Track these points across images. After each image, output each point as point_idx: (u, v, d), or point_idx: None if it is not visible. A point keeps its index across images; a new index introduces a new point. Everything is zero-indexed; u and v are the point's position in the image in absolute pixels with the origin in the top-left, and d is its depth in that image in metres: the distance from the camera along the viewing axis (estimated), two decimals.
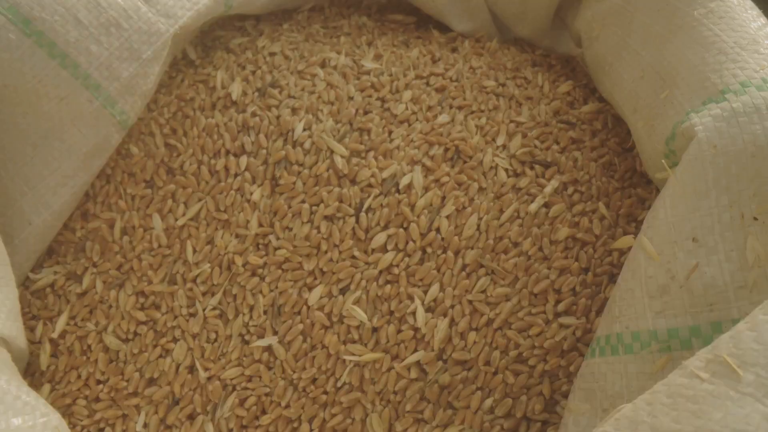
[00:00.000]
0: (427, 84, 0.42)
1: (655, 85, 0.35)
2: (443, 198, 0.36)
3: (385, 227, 0.36)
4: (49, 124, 0.37)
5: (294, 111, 0.40)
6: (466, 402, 0.33)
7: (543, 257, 0.36)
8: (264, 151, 0.39)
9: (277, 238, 0.37)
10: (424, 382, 0.33)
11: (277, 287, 0.36)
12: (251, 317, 0.35)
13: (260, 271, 0.36)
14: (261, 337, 0.35)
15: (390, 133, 0.39)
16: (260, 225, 0.37)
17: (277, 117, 0.40)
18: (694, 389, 0.22)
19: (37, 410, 0.29)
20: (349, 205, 0.36)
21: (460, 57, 0.44)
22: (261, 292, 0.36)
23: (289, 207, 0.37)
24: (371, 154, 0.38)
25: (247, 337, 0.35)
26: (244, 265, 0.36)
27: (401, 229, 0.36)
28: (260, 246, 0.37)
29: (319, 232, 0.36)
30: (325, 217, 0.37)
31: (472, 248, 0.35)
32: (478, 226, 0.36)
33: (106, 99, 0.37)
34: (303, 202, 0.37)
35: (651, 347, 0.29)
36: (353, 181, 0.37)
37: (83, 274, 0.38)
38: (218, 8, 0.42)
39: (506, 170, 0.38)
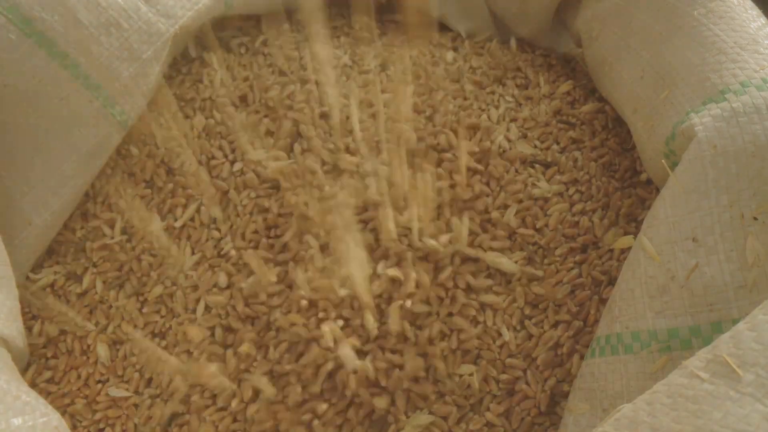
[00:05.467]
0: (427, 84, 0.42)
1: (655, 85, 0.35)
2: (445, 199, 0.36)
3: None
4: (49, 124, 0.37)
5: (294, 111, 0.40)
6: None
7: (543, 256, 0.36)
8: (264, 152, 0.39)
9: (275, 240, 0.37)
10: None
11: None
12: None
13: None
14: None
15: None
16: (257, 227, 0.37)
17: (278, 118, 0.40)
18: (694, 389, 0.22)
19: (37, 410, 0.29)
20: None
21: (460, 57, 0.45)
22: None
23: (288, 209, 0.37)
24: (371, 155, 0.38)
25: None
26: (242, 267, 0.36)
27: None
28: (259, 248, 0.37)
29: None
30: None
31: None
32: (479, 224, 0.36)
33: (106, 99, 0.37)
34: (302, 203, 0.37)
35: (651, 347, 0.29)
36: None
37: (83, 274, 0.38)
38: (218, 8, 0.42)
39: (506, 170, 0.38)
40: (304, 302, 0.34)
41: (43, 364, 0.36)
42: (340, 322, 0.34)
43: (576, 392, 0.32)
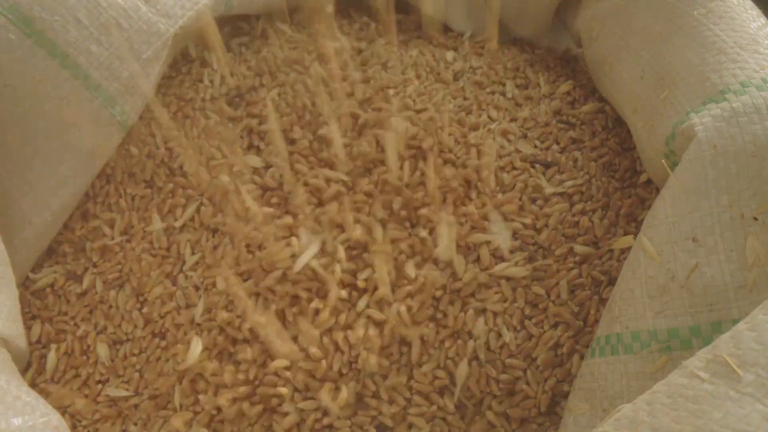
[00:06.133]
0: (427, 84, 0.42)
1: (655, 85, 0.35)
2: (444, 198, 0.36)
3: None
4: (49, 124, 0.37)
5: (295, 111, 0.40)
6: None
7: (543, 256, 0.36)
8: (264, 152, 0.39)
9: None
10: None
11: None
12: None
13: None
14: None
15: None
16: (257, 226, 0.37)
17: (278, 118, 0.40)
18: (694, 389, 0.22)
19: (37, 410, 0.29)
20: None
21: (460, 57, 0.44)
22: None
23: (287, 210, 0.37)
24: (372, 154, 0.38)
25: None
26: (242, 267, 0.36)
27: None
28: (259, 247, 0.37)
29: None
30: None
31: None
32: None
33: (106, 99, 0.37)
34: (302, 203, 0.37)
35: (651, 347, 0.29)
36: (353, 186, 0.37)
37: (83, 274, 0.38)
38: (218, 8, 0.42)
39: (506, 170, 0.38)
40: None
41: (43, 364, 0.36)
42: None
43: (576, 392, 0.32)
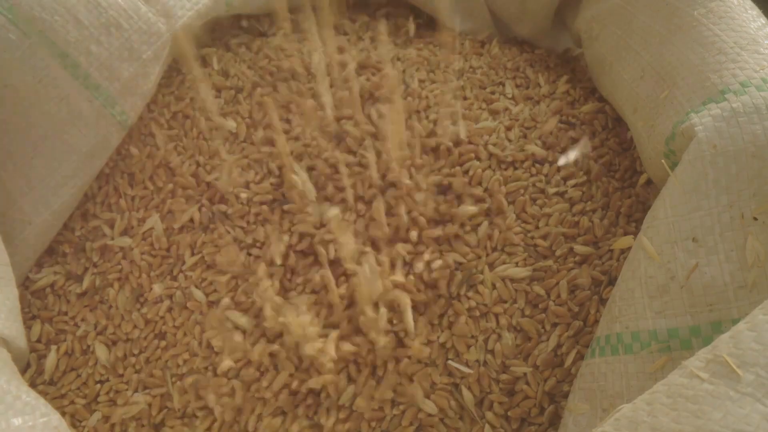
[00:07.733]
0: (427, 83, 0.42)
1: (655, 85, 0.35)
2: (444, 197, 0.36)
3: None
4: (49, 124, 0.37)
5: (294, 111, 0.40)
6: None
7: (543, 256, 0.36)
8: (264, 152, 0.39)
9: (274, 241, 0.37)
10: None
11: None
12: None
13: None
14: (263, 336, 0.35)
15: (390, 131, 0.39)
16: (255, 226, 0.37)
17: (279, 117, 0.40)
18: (694, 389, 0.22)
19: (37, 410, 0.29)
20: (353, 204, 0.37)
21: (460, 57, 0.44)
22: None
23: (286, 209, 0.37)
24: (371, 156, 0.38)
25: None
26: (243, 267, 0.36)
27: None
28: (259, 247, 0.37)
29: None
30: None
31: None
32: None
33: (106, 99, 0.37)
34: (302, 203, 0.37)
35: (651, 347, 0.29)
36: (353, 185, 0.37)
37: (83, 274, 0.38)
38: (218, 8, 0.42)
39: (506, 170, 0.38)
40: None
41: (42, 365, 0.36)
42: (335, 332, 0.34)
43: (576, 392, 0.32)
